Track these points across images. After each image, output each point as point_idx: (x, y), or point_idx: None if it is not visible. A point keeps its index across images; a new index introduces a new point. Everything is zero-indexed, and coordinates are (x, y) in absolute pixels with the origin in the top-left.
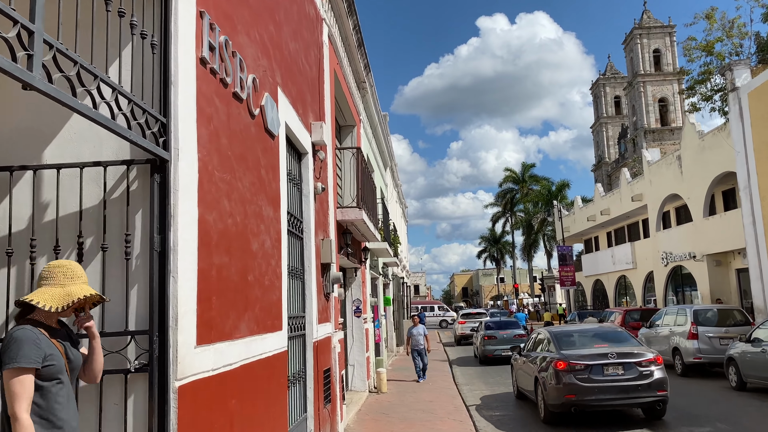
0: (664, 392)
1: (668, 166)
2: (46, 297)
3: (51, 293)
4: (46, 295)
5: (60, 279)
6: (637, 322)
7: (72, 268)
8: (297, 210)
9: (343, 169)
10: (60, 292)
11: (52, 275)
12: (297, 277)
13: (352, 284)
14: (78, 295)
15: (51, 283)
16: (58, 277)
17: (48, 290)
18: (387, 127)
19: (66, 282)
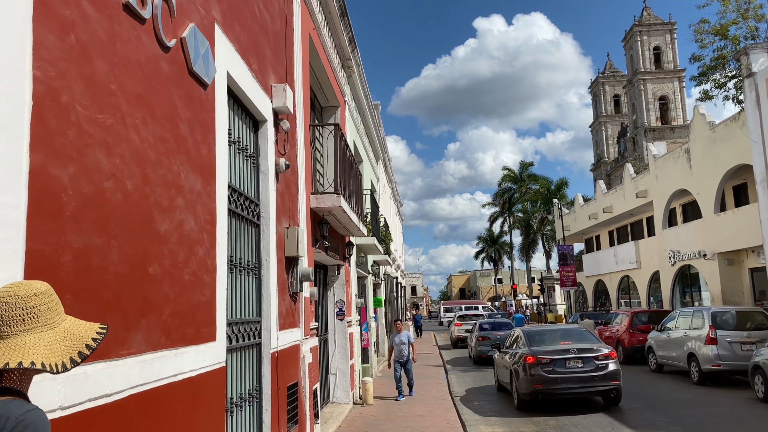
0: (618, 382)
1: (676, 160)
2: (48, 352)
3: (49, 343)
4: (45, 349)
5: (47, 315)
6: (646, 324)
7: (52, 294)
8: (250, 189)
9: (324, 155)
10: (60, 336)
11: (35, 312)
12: (248, 272)
13: (334, 283)
14: (89, 337)
15: (37, 324)
16: (43, 314)
17: (40, 337)
18: (379, 116)
19: (55, 318)
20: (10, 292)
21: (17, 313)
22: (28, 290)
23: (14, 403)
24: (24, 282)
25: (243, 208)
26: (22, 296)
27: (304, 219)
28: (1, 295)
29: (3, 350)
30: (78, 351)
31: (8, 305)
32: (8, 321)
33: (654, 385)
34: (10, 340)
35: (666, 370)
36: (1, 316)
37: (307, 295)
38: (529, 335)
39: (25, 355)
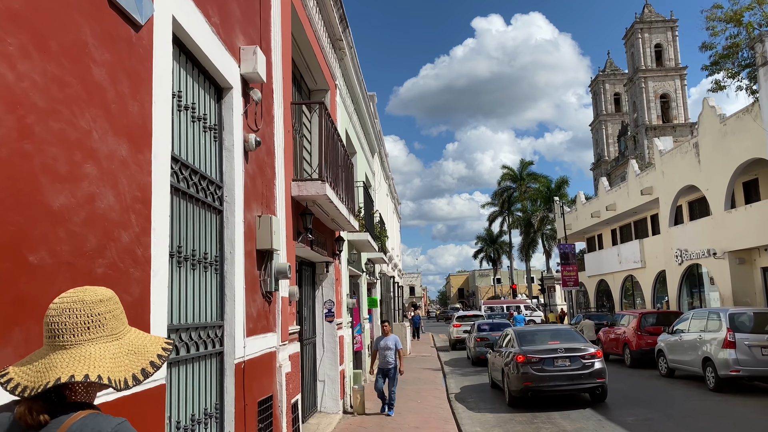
0: (603, 380)
1: (683, 155)
2: (114, 366)
3: (114, 356)
4: (110, 362)
5: (112, 325)
6: (655, 326)
7: (117, 302)
8: (209, 167)
9: (312, 142)
10: (125, 349)
11: (100, 321)
12: (205, 267)
13: (323, 282)
14: (154, 353)
15: (102, 334)
16: (108, 323)
17: (105, 348)
18: (375, 108)
19: (120, 328)
20: (75, 298)
21: (82, 321)
22: (93, 296)
23: (101, 417)
24: (88, 287)
25: (198, 189)
26: (88, 302)
27: (283, 208)
28: (64, 301)
29: (67, 361)
30: (141, 368)
31: (72, 312)
32: (72, 329)
33: (667, 392)
34: (74, 350)
35: (678, 375)
36: (65, 324)
37: (285, 295)
38: (520, 335)
39: (91, 367)
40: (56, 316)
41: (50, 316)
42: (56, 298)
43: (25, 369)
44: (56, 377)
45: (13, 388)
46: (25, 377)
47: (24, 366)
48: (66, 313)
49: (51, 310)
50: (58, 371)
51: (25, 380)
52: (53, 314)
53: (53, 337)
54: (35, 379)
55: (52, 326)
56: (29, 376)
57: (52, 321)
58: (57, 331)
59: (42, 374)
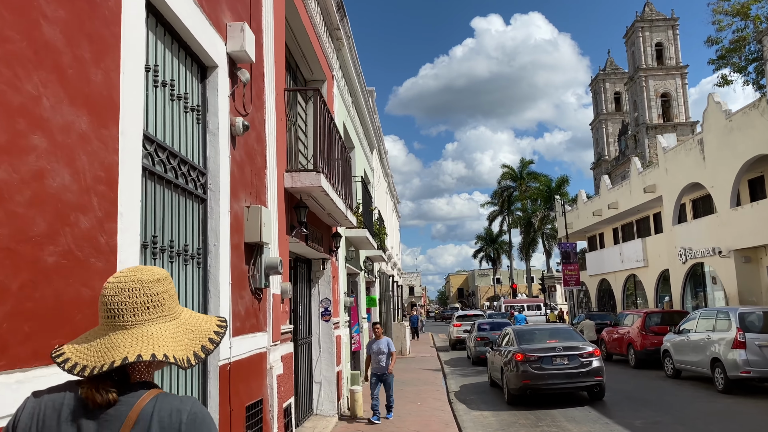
0: (601, 378)
1: (688, 152)
2: (175, 345)
3: (174, 335)
4: (172, 342)
5: (169, 304)
6: (660, 326)
7: (171, 281)
8: (191, 151)
9: (308, 134)
10: (183, 328)
11: (158, 300)
12: (186, 260)
13: (319, 279)
14: (210, 331)
15: (161, 314)
16: (166, 302)
17: (165, 328)
18: (374, 103)
19: (176, 308)
20: (133, 277)
21: (142, 300)
22: (151, 275)
23: (171, 396)
24: (143, 266)
25: (178, 174)
26: (146, 281)
27: (275, 199)
28: (121, 280)
29: (130, 341)
30: (201, 345)
31: (132, 291)
32: (132, 309)
33: (674, 394)
34: (136, 330)
35: (684, 376)
36: (125, 303)
37: (277, 292)
38: (519, 334)
39: (157, 347)
40: (115, 296)
41: (108, 296)
42: (111, 277)
43: (82, 348)
44: (122, 356)
45: (71, 367)
46: (84, 357)
47: (80, 345)
48: (125, 292)
49: (108, 290)
50: (123, 350)
51: (84, 360)
52: (111, 294)
53: (112, 317)
54: (97, 358)
55: (111, 306)
56: (88, 355)
57: (111, 301)
58: (116, 311)
59: (104, 354)
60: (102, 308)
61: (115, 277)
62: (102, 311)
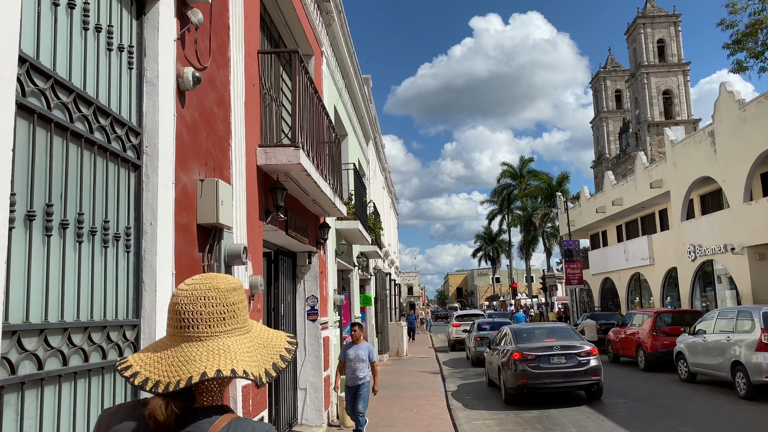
0: (598, 377)
1: (697, 145)
2: (250, 360)
3: (248, 349)
4: (248, 356)
5: (242, 316)
6: (672, 326)
7: (244, 291)
8: (119, 102)
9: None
10: (255, 343)
11: (234, 311)
12: (105, 242)
13: (305, 275)
14: (282, 347)
15: (236, 326)
16: (240, 314)
17: (240, 342)
18: (369, 92)
19: (248, 320)
20: (208, 285)
21: (218, 311)
22: (226, 283)
23: (247, 422)
24: (217, 274)
25: (93, 127)
26: (222, 290)
27: (242, 177)
28: (196, 288)
29: (206, 355)
30: (273, 363)
31: (208, 300)
32: (207, 319)
33: (691, 399)
34: (211, 343)
35: (700, 380)
36: (200, 313)
37: (245, 287)
38: (516, 333)
39: (235, 362)
40: (189, 305)
41: (182, 304)
42: (181, 284)
43: (151, 361)
44: (200, 372)
45: (142, 383)
46: (156, 371)
47: (147, 356)
48: (201, 301)
49: (181, 298)
50: (200, 365)
51: (156, 374)
52: (185, 302)
53: (185, 328)
54: (170, 373)
55: (184, 315)
56: (160, 369)
57: (185, 310)
58: (191, 321)
59: (178, 368)
60: (173, 317)
61: (187, 284)
62: (173, 320)
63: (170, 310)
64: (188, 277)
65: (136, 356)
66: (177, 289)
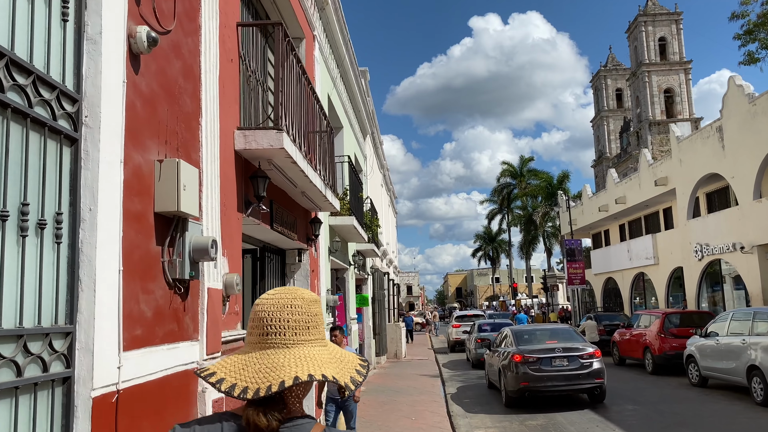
0: (601, 380)
1: (705, 140)
2: (333, 369)
3: (328, 360)
4: (330, 366)
5: (321, 328)
6: (681, 328)
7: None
8: (48, 60)
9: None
10: (331, 356)
11: (316, 322)
12: (24, 228)
13: (294, 273)
14: (356, 363)
15: (318, 336)
16: (320, 325)
17: (320, 353)
18: (367, 85)
19: (324, 333)
20: (294, 294)
21: (303, 319)
22: (309, 294)
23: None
24: (299, 288)
25: (4, 86)
26: (307, 299)
27: (215, 161)
28: (282, 297)
29: (294, 361)
30: (350, 377)
31: (295, 308)
32: (294, 327)
33: (705, 405)
34: (297, 350)
35: (712, 384)
36: (287, 321)
37: (216, 286)
38: (517, 334)
39: (324, 368)
40: (276, 312)
41: (267, 311)
42: (264, 294)
43: (236, 368)
44: (291, 376)
45: (230, 388)
46: (242, 377)
47: (232, 364)
48: (287, 309)
49: (268, 305)
50: (290, 370)
51: (244, 380)
52: (271, 310)
53: (271, 335)
54: (258, 379)
55: (271, 323)
56: (247, 375)
57: (271, 317)
58: (277, 328)
59: (266, 374)
60: (258, 324)
61: (271, 294)
62: (258, 328)
63: (254, 318)
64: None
65: (218, 364)
66: (260, 299)
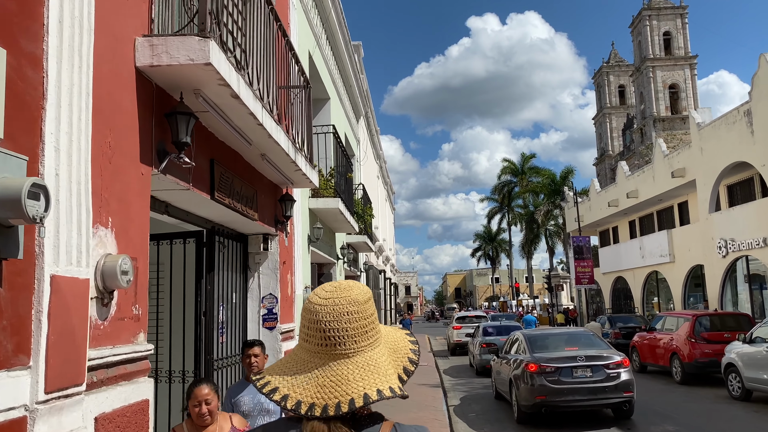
0: (631, 393)
1: (730, 126)
2: (393, 372)
3: (387, 361)
4: (391, 368)
5: (377, 324)
6: (714, 332)
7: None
8: None
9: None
10: (388, 348)
11: (373, 322)
12: None
13: (260, 265)
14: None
15: (377, 336)
16: (376, 323)
17: (381, 354)
18: (360, 62)
19: (379, 326)
20: (348, 298)
21: (361, 325)
22: (362, 294)
23: (404, 426)
24: (349, 283)
25: None
26: (361, 302)
27: (84, 69)
28: (336, 302)
29: (359, 373)
30: (403, 367)
31: (351, 315)
32: (354, 335)
33: (760, 426)
34: (359, 359)
35: (757, 398)
36: (346, 330)
37: (77, 274)
38: (531, 340)
39: (389, 378)
40: (334, 322)
41: (325, 321)
42: (316, 296)
43: (298, 382)
44: (361, 395)
45: (295, 406)
46: (307, 392)
47: (290, 375)
48: (345, 317)
49: (323, 315)
50: (358, 386)
51: (309, 396)
52: (329, 319)
53: (332, 346)
54: (324, 395)
55: (330, 333)
56: (309, 390)
57: (331, 327)
58: (337, 339)
59: (332, 390)
60: (317, 335)
61: (323, 298)
62: (317, 338)
63: (312, 328)
64: None
65: (274, 375)
66: (313, 304)
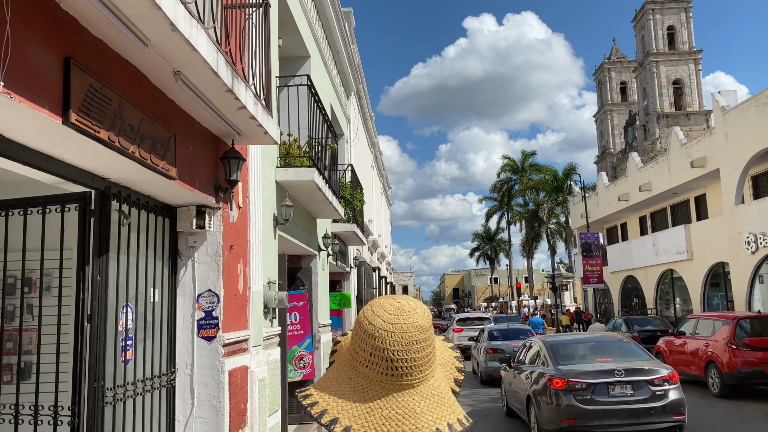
0: (682, 416)
1: (761, 108)
2: (456, 407)
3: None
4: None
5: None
6: (757, 337)
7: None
8: None
9: None
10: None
11: (434, 345)
12: None
13: (195, 250)
14: (452, 358)
15: (435, 363)
16: (435, 347)
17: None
18: (352, 32)
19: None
20: (416, 324)
21: (428, 353)
22: (427, 318)
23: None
24: (410, 303)
25: None
26: (426, 328)
27: None
28: (406, 330)
29: (425, 404)
30: (454, 378)
31: (420, 344)
32: (420, 365)
33: None
34: (422, 389)
35: None
36: (414, 360)
37: None
38: (553, 348)
39: (455, 409)
40: (402, 352)
41: (392, 350)
42: (383, 322)
43: (360, 412)
44: (433, 430)
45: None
46: (371, 425)
47: (350, 405)
48: (413, 347)
49: (390, 342)
50: (428, 420)
51: (373, 428)
52: (397, 348)
53: (399, 377)
54: (391, 428)
55: (398, 364)
56: (376, 423)
57: (399, 358)
58: (405, 370)
59: (399, 424)
60: (382, 363)
61: (391, 323)
62: (382, 366)
63: (376, 355)
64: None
65: (321, 393)
66: (377, 329)
